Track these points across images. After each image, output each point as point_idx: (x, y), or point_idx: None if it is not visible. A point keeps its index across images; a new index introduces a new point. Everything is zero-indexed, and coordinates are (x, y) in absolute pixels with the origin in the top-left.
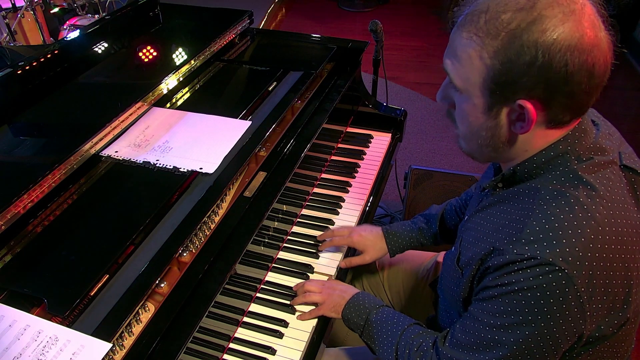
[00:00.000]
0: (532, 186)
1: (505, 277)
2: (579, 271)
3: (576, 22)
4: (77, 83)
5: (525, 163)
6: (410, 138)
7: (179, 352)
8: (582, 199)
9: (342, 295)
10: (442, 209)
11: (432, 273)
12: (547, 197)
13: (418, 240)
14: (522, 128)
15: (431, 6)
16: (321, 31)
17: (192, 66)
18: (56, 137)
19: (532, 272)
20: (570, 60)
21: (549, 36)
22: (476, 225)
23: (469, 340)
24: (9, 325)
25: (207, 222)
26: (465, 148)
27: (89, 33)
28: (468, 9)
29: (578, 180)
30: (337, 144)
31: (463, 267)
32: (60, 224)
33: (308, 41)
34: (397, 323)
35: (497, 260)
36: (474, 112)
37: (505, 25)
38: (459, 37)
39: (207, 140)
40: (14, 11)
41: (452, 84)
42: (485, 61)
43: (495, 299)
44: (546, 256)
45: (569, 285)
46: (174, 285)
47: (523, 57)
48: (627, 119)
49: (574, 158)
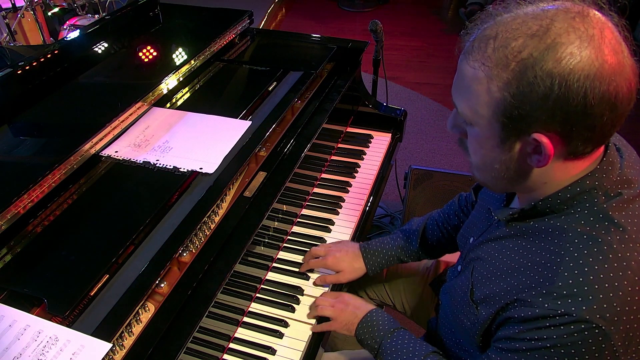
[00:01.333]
0: (557, 225)
1: (535, 331)
2: (616, 327)
3: (595, 48)
4: (77, 83)
5: (548, 199)
6: (410, 138)
7: (179, 352)
8: (615, 246)
9: (355, 313)
10: (424, 224)
11: (432, 272)
12: (576, 242)
13: (398, 257)
14: (539, 162)
15: (431, 6)
16: (321, 31)
17: (192, 66)
18: (56, 137)
19: (566, 329)
20: (591, 90)
21: (565, 65)
22: (490, 257)
23: None
24: (9, 325)
25: (207, 222)
26: (480, 178)
27: (89, 33)
28: (475, 34)
29: (609, 221)
30: (337, 144)
31: (478, 303)
32: (60, 224)
33: (308, 41)
34: (412, 352)
35: (523, 312)
36: (486, 145)
37: (516, 54)
38: (465, 67)
39: (207, 140)
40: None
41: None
42: (494, 94)
43: (524, 352)
44: (582, 314)
45: (606, 342)
46: (174, 285)
47: (537, 90)
48: (627, 119)
49: (602, 194)
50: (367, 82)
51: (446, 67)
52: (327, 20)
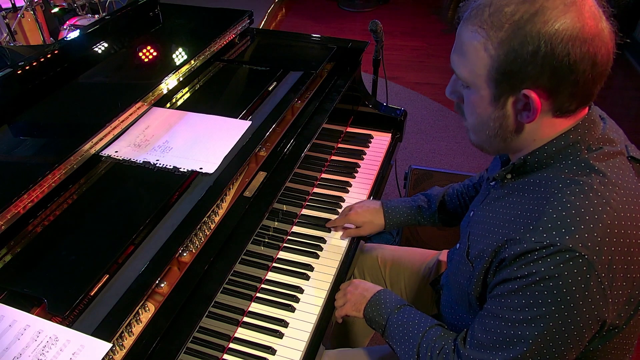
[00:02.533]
0: (544, 176)
1: (525, 267)
2: (599, 256)
3: (577, 12)
4: (77, 83)
5: (536, 152)
6: (410, 138)
7: (179, 352)
8: (595, 186)
9: (364, 294)
10: (444, 191)
11: (434, 272)
12: (560, 186)
13: (416, 218)
14: (528, 117)
15: (431, 6)
16: (321, 31)
17: (192, 66)
18: (56, 137)
19: (553, 260)
20: (572, 49)
21: (550, 27)
22: (485, 218)
23: (490, 339)
24: (9, 325)
25: (207, 222)
26: (475, 140)
27: (89, 33)
28: (473, 4)
29: (590, 168)
30: (337, 144)
31: (473, 260)
32: (60, 224)
33: (308, 41)
34: (418, 324)
35: (513, 250)
36: (481, 104)
37: (509, 17)
38: (465, 31)
39: (207, 140)
40: (14, 11)
41: (459, 79)
42: (490, 52)
43: (516, 292)
44: (566, 243)
45: (590, 271)
46: (174, 285)
47: (526, 47)
48: (627, 119)
49: (584, 148)
50: (367, 82)
51: (446, 67)
52: (327, 20)
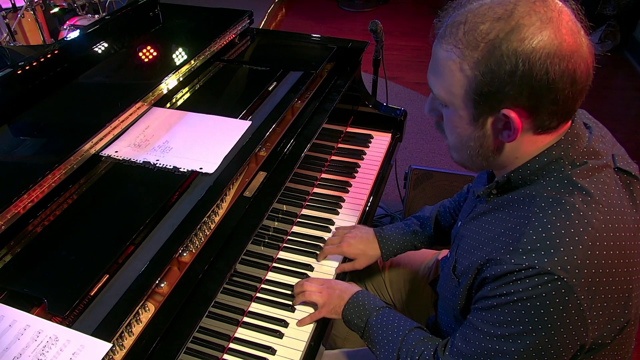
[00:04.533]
0: (527, 193)
1: (504, 287)
2: (578, 279)
3: (554, 29)
4: (77, 83)
5: (519, 170)
6: (410, 138)
7: (179, 352)
8: (577, 206)
9: (342, 296)
10: (436, 211)
11: (433, 271)
12: (542, 205)
13: (412, 243)
14: (509, 137)
15: (431, 6)
16: (321, 31)
17: (192, 66)
18: (56, 137)
19: (531, 282)
20: (551, 67)
21: (528, 45)
22: (471, 233)
23: (469, 349)
24: (9, 325)
25: (207, 222)
26: (457, 158)
27: (89, 33)
28: (447, 20)
29: (573, 186)
30: (337, 144)
31: (459, 276)
32: (60, 224)
33: (308, 41)
34: (398, 327)
35: (494, 270)
36: (460, 124)
37: (484, 36)
38: (439, 50)
39: (207, 140)
40: (14, 11)
41: (436, 98)
42: (466, 73)
43: (495, 308)
44: (545, 265)
45: (569, 294)
46: (174, 285)
47: (504, 67)
48: (627, 119)
49: (568, 163)
50: (367, 82)
51: None
52: (327, 20)
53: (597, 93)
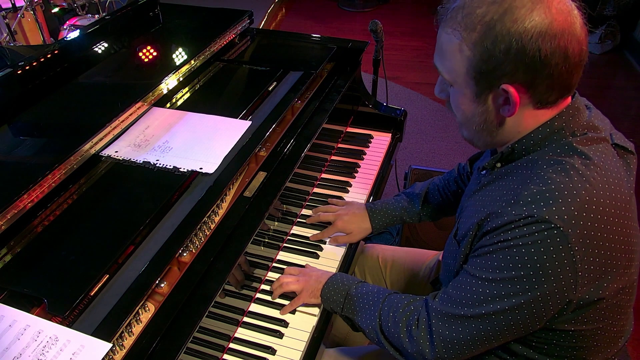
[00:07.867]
0: (529, 159)
1: (502, 235)
2: (573, 230)
3: (544, 9)
4: (77, 83)
5: (522, 140)
6: (410, 138)
7: (179, 352)
8: (577, 165)
9: (319, 279)
10: (426, 188)
11: (434, 271)
12: (544, 166)
13: (401, 217)
14: (509, 111)
15: (431, 6)
16: (321, 31)
17: (192, 66)
18: (56, 137)
19: (528, 229)
20: (542, 45)
21: (520, 25)
22: (474, 202)
23: (459, 294)
24: (9, 325)
25: (207, 222)
26: (466, 135)
27: (89, 33)
28: (449, 7)
29: (573, 150)
30: (337, 144)
31: (460, 239)
32: (60, 224)
33: (308, 41)
34: (377, 293)
35: (494, 222)
36: (465, 101)
37: (480, 19)
38: (442, 34)
39: (207, 140)
40: (14, 11)
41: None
42: (465, 53)
43: (490, 254)
44: (542, 214)
45: (563, 243)
46: (174, 285)
47: (499, 46)
48: (627, 119)
49: (569, 133)
50: (367, 82)
51: None
52: (327, 20)
53: (597, 93)
